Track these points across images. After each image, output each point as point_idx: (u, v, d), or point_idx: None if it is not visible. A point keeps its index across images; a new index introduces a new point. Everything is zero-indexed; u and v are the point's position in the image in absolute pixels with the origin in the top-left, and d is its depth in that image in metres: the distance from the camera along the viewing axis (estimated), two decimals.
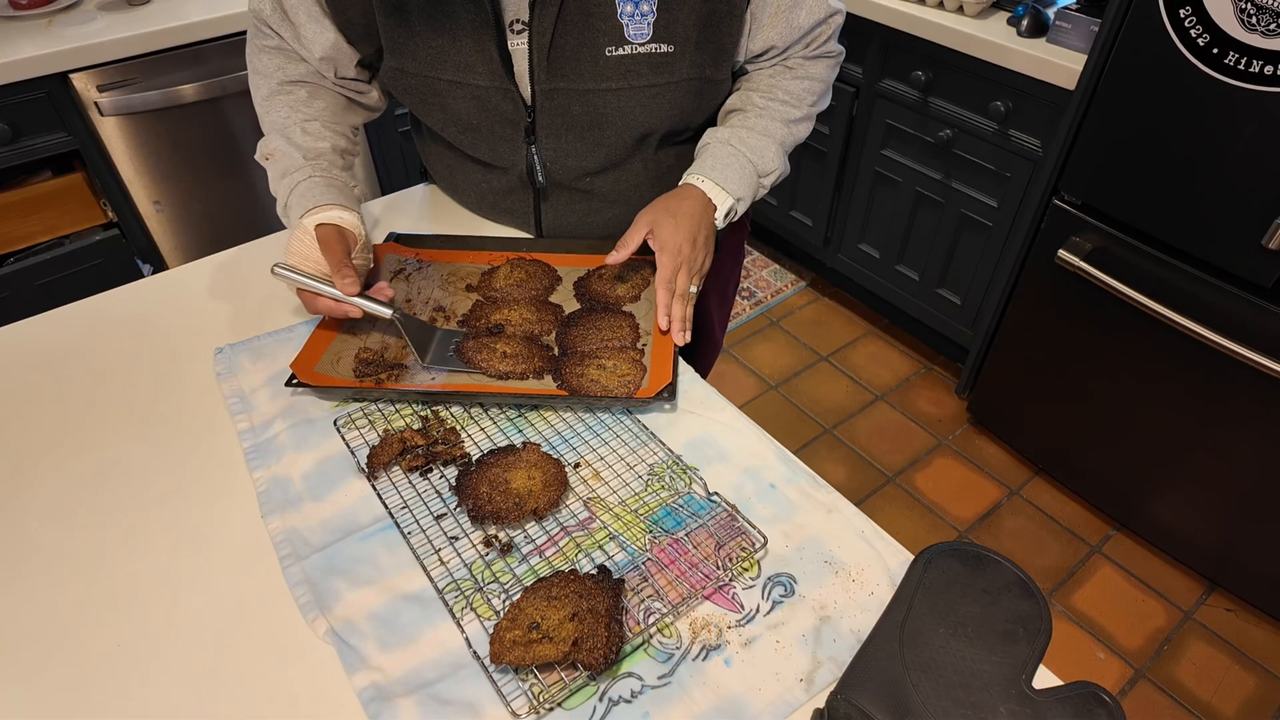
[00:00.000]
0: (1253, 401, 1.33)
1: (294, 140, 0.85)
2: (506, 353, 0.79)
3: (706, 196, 0.84)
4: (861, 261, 2.09)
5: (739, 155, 0.85)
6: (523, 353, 0.79)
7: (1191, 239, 1.31)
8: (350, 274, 0.76)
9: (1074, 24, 1.44)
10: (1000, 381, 1.79)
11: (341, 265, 0.76)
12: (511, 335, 0.82)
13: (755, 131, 0.87)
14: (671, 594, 0.61)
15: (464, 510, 0.66)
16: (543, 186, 0.91)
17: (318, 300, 0.77)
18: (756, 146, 0.86)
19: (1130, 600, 1.58)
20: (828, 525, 0.67)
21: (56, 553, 0.64)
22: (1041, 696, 0.51)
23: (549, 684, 0.55)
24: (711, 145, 0.87)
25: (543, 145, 0.86)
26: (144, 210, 1.72)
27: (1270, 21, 1.10)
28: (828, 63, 0.91)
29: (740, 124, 0.88)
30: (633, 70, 0.80)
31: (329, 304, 0.77)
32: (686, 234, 0.81)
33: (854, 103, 1.87)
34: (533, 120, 0.84)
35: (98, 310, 0.90)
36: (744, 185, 0.86)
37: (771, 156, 0.87)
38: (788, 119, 0.89)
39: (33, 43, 1.47)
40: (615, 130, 0.85)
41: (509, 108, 0.83)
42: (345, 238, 0.79)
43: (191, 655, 0.58)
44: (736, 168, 0.85)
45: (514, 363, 0.78)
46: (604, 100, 0.81)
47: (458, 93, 0.82)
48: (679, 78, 0.81)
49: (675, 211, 0.82)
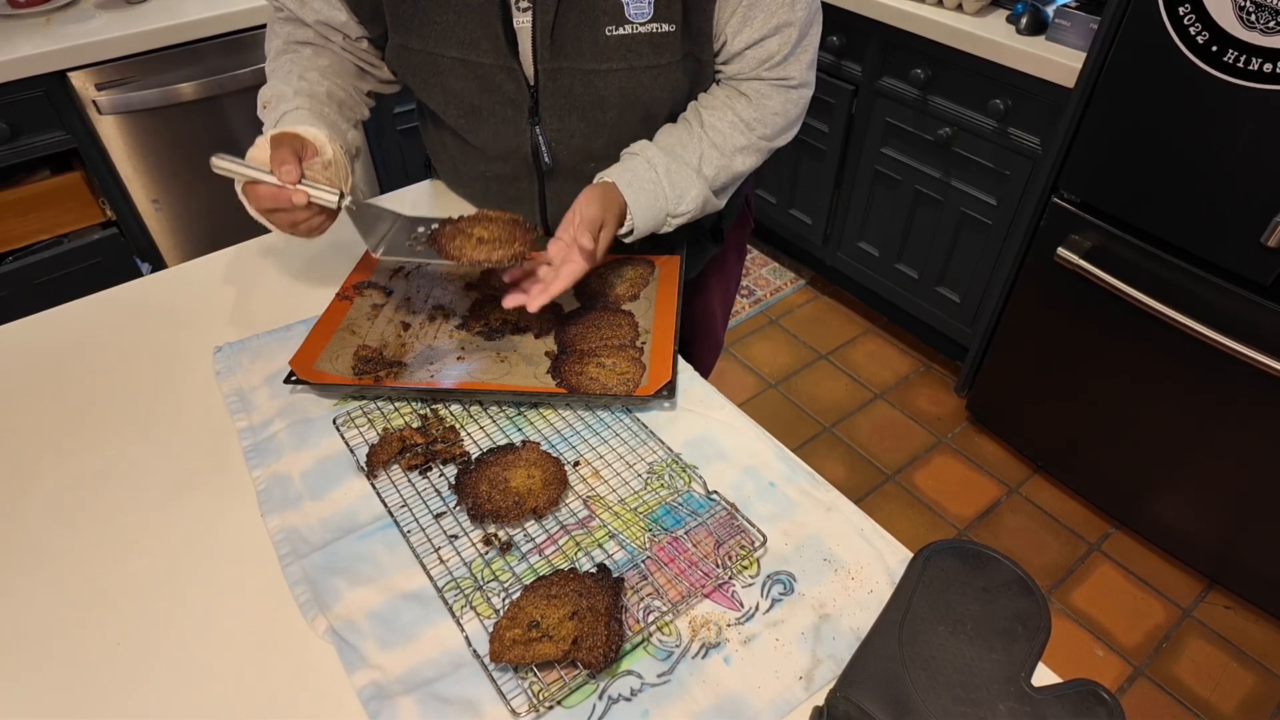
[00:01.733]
0: (1252, 399, 1.33)
1: (290, 85, 0.83)
2: (483, 238, 0.71)
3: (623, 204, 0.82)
4: (861, 260, 2.09)
5: (659, 186, 0.83)
6: (502, 236, 0.72)
7: (1191, 237, 1.31)
8: (289, 160, 0.71)
9: (1073, 22, 1.44)
10: (999, 380, 1.80)
11: (284, 159, 0.71)
12: (495, 218, 0.75)
13: (687, 165, 0.84)
14: (671, 592, 0.61)
15: (463, 509, 0.66)
16: (549, 168, 0.89)
17: (258, 190, 0.72)
18: (680, 184, 0.83)
19: (1129, 598, 1.58)
20: (827, 523, 0.67)
21: (55, 552, 0.64)
22: (1041, 694, 0.51)
23: (549, 682, 0.55)
24: (639, 160, 0.84)
25: (547, 126, 0.85)
26: (143, 209, 1.71)
27: (1269, 19, 1.10)
28: (787, 94, 0.86)
29: (677, 146, 0.85)
30: (634, 50, 0.79)
31: (270, 191, 0.71)
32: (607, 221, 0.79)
33: (853, 101, 1.87)
34: (536, 101, 0.83)
35: (96, 309, 0.90)
36: (649, 218, 0.83)
37: (691, 198, 0.84)
38: (731, 146, 0.86)
39: (31, 41, 1.46)
40: (617, 111, 0.83)
41: (511, 87, 0.82)
42: (301, 142, 0.75)
43: (191, 654, 0.58)
44: (649, 198, 0.82)
45: (491, 249, 0.70)
46: (605, 81, 0.80)
47: (461, 71, 0.81)
48: (679, 57, 0.80)
49: (615, 223, 0.81)
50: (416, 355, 0.81)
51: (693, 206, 0.85)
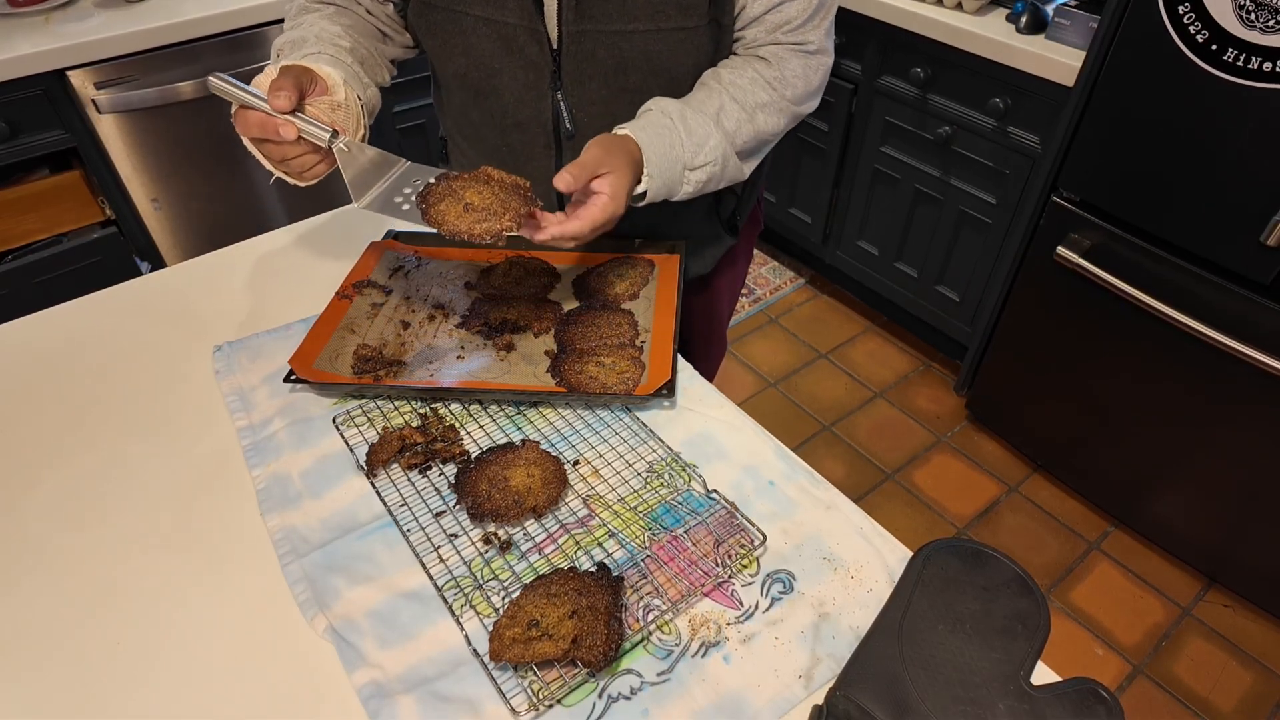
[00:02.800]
0: (1251, 398, 1.33)
1: (311, 31, 0.79)
2: (473, 204, 0.64)
3: (640, 158, 0.76)
4: (860, 259, 2.09)
5: (674, 133, 0.77)
6: (495, 205, 0.65)
7: (1190, 235, 1.31)
8: (287, 87, 0.66)
9: (1073, 21, 1.44)
10: (999, 378, 1.80)
11: (281, 86, 0.67)
12: (495, 180, 0.68)
13: (704, 114, 0.80)
14: (671, 591, 0.61)
15: (463, 508, 0.66)
16: (569, 134, 0.86)
17: (247, 115, 0.68)
18: (697, 132, 0.78)
19: (1128, 597, 1.58)
20: (826, 522, 0.67)
21: (55, 551, 0.64)
22: (1040, 693, 0.51)
23: (548, 681, 0.55)
24: (653, 112, 0.79)
25: (569, 92, 0.83)
26: (142, 208, 1.71)
27: (1269, 18, 1.10)
28: (806, 59, 0.84)
29: (694, 99, 0.81)
30: (661, 11, 0.78)
31: (258, 119, 0.67)
32: (624, 200, 0.73)
33: (853, 99, 1.87)
34: (558, 65, 0.81)
35: (96, 308, 0.90)
36: (665, 169, 0.78)
37: (710, 149, 0.79)
38: (752, 102, 0.82)
39: (30, 40, 1.46)
40: (640, 75, 0.82)
41: (534, 50, 0.81)
42: (310, 76, 0.70)
43: (191, 653, 0.58)
44: (664, 144, 0.77)
45: (476, 219, 0.63)
46: (630, 43, 0.79)
47: (483, 30, 0.80)
48: (705, 21, 0.79)
49: (629, 170, 0.74)
50: (416, 354, 0.81)
51: (712, 158, 0.80)
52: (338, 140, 0.69)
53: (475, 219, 0.63)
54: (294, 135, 0.68)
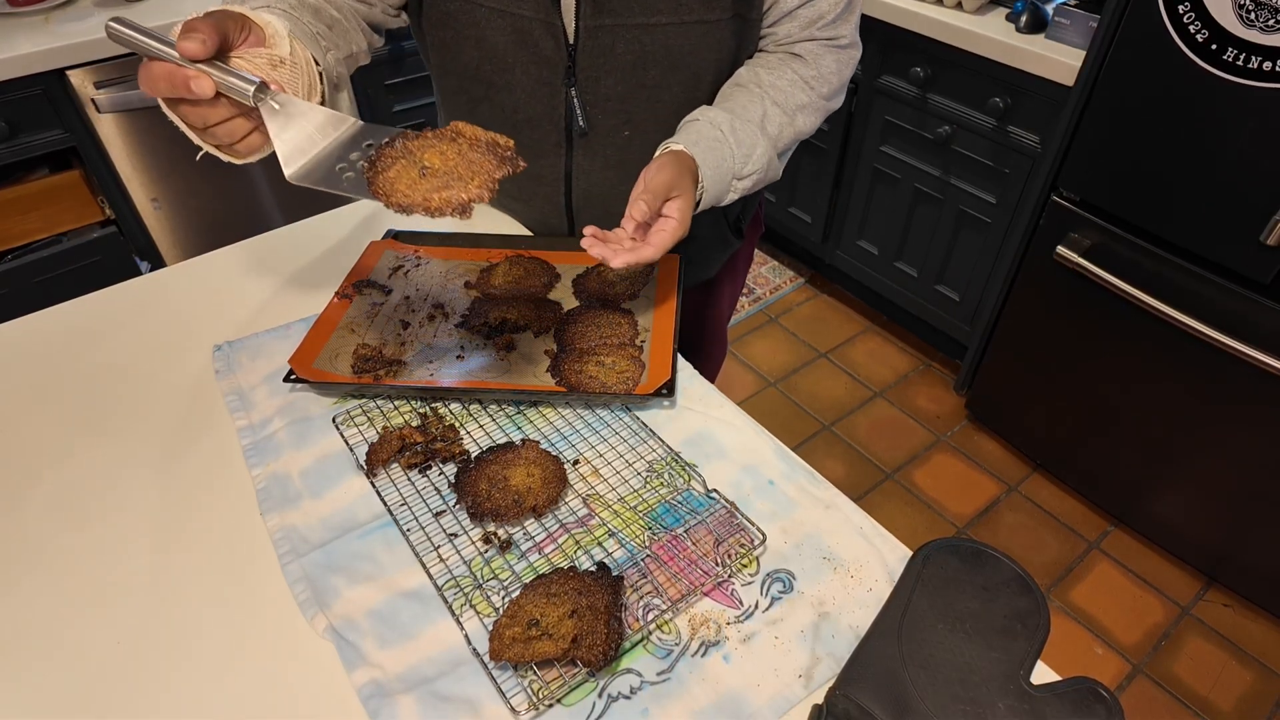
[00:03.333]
0: (1250, 397, 1.33)
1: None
2: (430, 168, 0.51)
3: (695, 166, 0.76)
4: (860, 258, 2.09)
5: (724, 144, 0.78)
6: (459, 168, 0.52)
7: (1190, 235, 1.31)
8: (202, 29, 0.53)
9: (1072, 20, 1.44)
10: (999, 378, 1.80)
11: (196, 29, 0.53)
12: (466, 137, 0.55)
13: (750, 122, 0.80)
14: (670, 590, 0.61)
15: (463, 507, 0.66)
16: (581, 132, 0.85)
17: (152, 70, 0.54)
18: (746, 141, 0.79)
19: (1128, 596, 1.58)
20: (826, 522, 0.67)
21: (54, 551, 0.64)
22: (1040, 692, 0.51)
23: (548, 680, 0.55)
24: (700, 123, 0.79)
25: (583, 89, 0.82)
26: (142, 207, 1.71)
27: (1269, 17, 1.10)
28: (839, 54, 0.85)
29: (737, 106, 0.81)
30: (684, 4, 0.76)
31: (165, 70, 0.53)
32: (690, 221, 0.73)
33: (853, 99, 1.87)
34: (573, 61, 0.80)
35: (95, 308, 0.90)
36: (716, 182, 0.78)
37: (757, 157, 0.80)
38: (793, 104, 0.83)
39: (29, 39, 1.46)
40: (660, 70, 0.81)
41: (549, 45, 0.79)
42: (241, 25, 0.57)
43: (190, 653, 0.58)
44: (715, 157, 0.77)
45: (436, 185, 0.50)
46: (651, 36, 0.78)
47: (498, 23, 0.78)
48: (729, 15, 0.78)
49: (693, 189, 0.74)
50: (416, 354, 0.81)
51: (758, 166, 0.81)
52: (267, 96, 0.54)
53: (432, 187, 0.50)
54: (210, 90, 0.53)
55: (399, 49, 1.79)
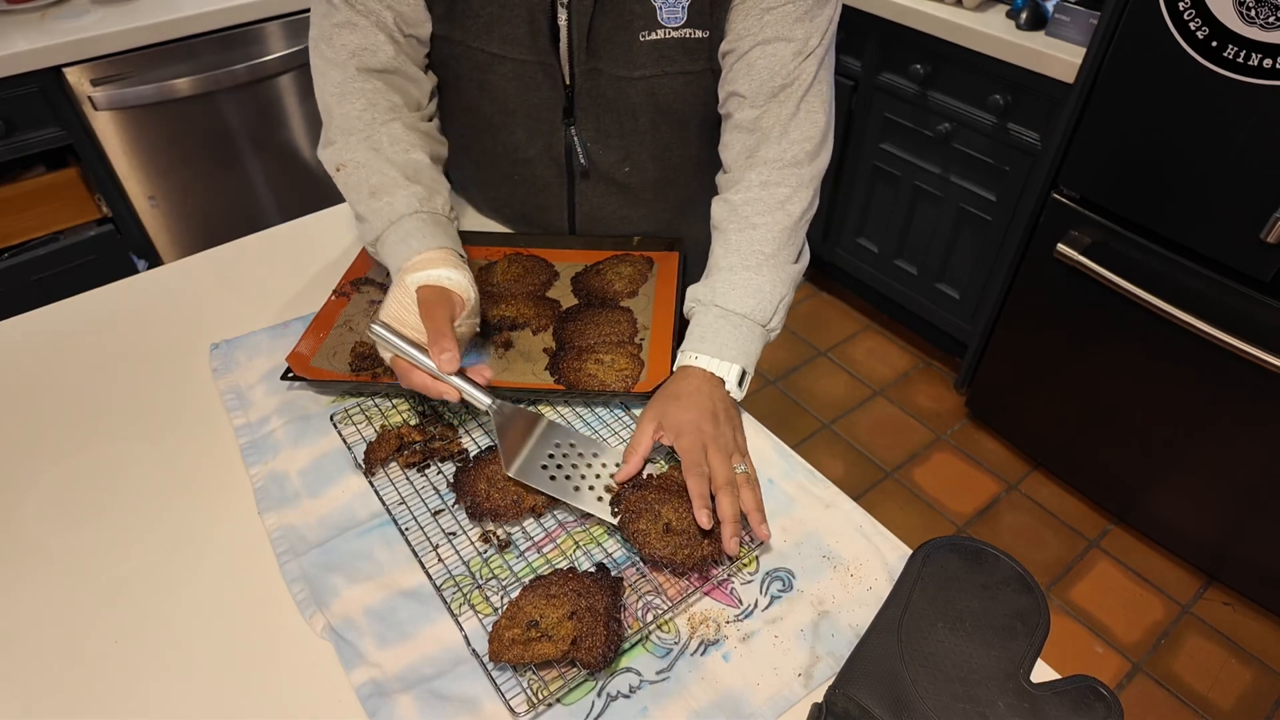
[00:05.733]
0: (1251, 395, 1.33)
1: (382, 150, 0.75)
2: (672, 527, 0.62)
3: (706, 372, 0.72)
4: (860, 256, 2.09)
5: (727, 318, 0.74)
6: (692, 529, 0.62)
7: (1190, 233, 1.31)
8: (450, 347, 0.65)
9: (1073, 17, 1.44)
10: (999, 376, 1.79)
11: (441, 335, 0.65)
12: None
13: (736, 272, 0.75)
14: (670, 590, 0.61)
15: (461, 507, 0.66)
16: (583, 169, 0.86)
17: (412, 373, 0.66)
18: (742, 299, 0.74)
19: (1128, 594, 1.58)
20: (826, 520, 0.67)
21: (52, 550, 0.64)
22: (1039, 690, 0.51)
23: (547, 680, 0.55)
24: (695, 311, 0.76)
25: (583, 127, 0.83)
26: (139, 205, 1.71)
27: (1269, 14, 1.09)
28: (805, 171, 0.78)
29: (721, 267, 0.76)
30: (666, 56, 0.77)
31: (424, 379, 0.66)
32: (700, 411, 0.68)
33: (852, 97, 1.87)
34: (571, 102, 0.81)
35: (92, 306, 0.89)
36: (744, 343, 0.74)
37: (765, 298, 0.75)
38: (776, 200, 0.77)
39: (25, 36, 1.46)
40: (649, 118, 0.82)
41: (548, 86, 0.80)
42: (451, 301, 0.69)
43: (188, 652, 0.57)
44: (729, 330, 0.73)
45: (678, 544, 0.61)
46: (635, 89, 0.79)
47: (500, 67, 0.79)
48: (714, 65, 0.78)
49: (678, 395, 0.70)
50: None
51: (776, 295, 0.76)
52: (495, 404, 0.67)
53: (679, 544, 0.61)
54: (456, 399, 0.66)
55: None
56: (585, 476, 0.67)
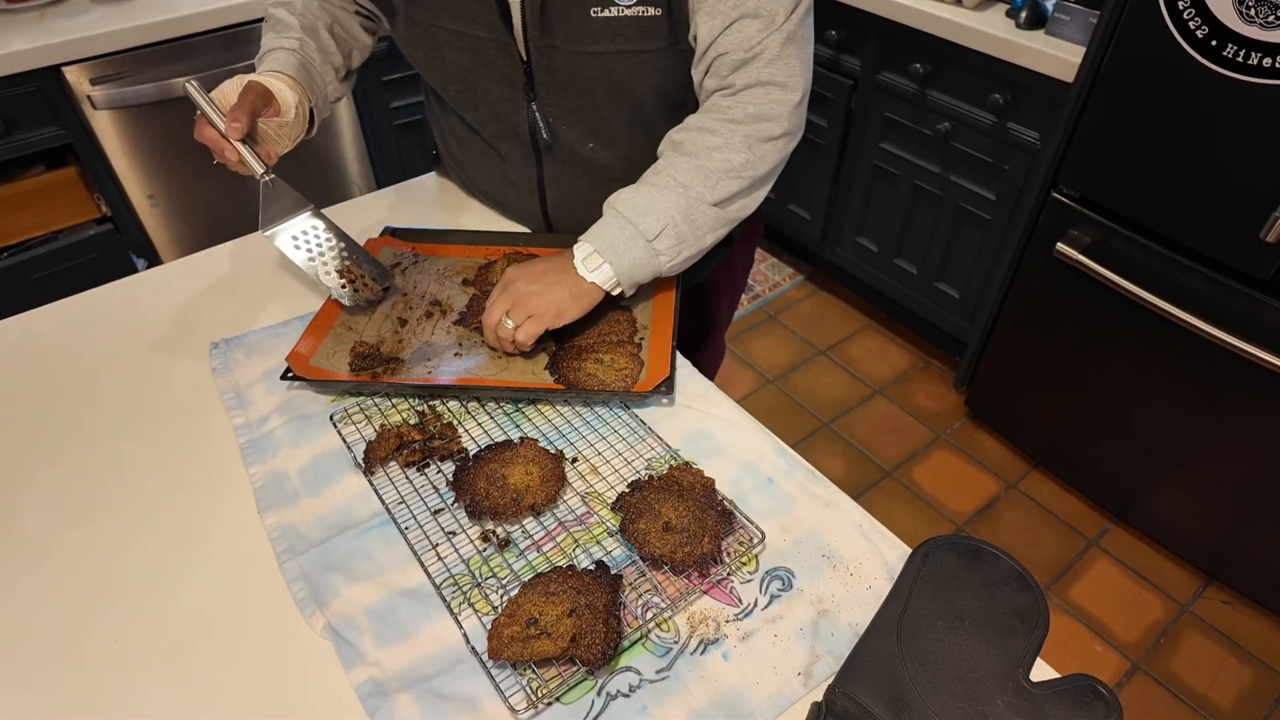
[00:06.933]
0: (1250, 394, 1.33)
1: (295, 9, 0.87)
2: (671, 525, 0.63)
3: (570, 251, 0.78)
4: (859, 255, 2.08)
5: (616, 218, 0.77)
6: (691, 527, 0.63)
7: (1189, 232, 1.31)
8: (242, 119, 0.76)
9: (1073, 16, 1.44)
10: (998, 375, 1.79)
11: (240, 110, 0.76)
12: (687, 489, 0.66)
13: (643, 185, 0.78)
14: (669, 588, 0.61)
15: (461, 506, 0.66)
16: (547, 145, 0.88)
17: (204, 129, 0.78)
18: (633, 206, 0.76)
19: (1128, 593, 1.58)
20: (825, 519, 0.67)
21: (51, 549, 0.64)
22: (1039, 689, 0.51)
23: (547, 679, 0.55)
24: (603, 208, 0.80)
25: (544, 103, 0.84)
26: (138, 204, 1.71)
27: (1269, 14, 1.09)
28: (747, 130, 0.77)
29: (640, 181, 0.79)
30: (620, 34, 0.77)
31: (212, 136, 0.78)
32: (530, 272, 0.78)
33: (852, 95, 1.86)
34: (530, 78, 0.82)
35: (92, 305, 0.89)
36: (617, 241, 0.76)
37: (658, 215, 0.76)
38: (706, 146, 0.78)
39: (24, 36, 1.45)
40: (606, 94, 0.82)
41: (505, 63, 0.81)
42: (269, 100, 0.80)
43: (188, 651, 0.57)
44: (612, 227, 0.77)
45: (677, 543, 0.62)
46: (590, 64, 0.79)
47: (457, 43, 0.82)
48: (667, 44, 0.78)
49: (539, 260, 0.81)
50: (414, 351, 0.81)
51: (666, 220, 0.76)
52: (267, 177, 0.80)
53: (678, 543, 0.62)
54: (235, 159, 0.78)
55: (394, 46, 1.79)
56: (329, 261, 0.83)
